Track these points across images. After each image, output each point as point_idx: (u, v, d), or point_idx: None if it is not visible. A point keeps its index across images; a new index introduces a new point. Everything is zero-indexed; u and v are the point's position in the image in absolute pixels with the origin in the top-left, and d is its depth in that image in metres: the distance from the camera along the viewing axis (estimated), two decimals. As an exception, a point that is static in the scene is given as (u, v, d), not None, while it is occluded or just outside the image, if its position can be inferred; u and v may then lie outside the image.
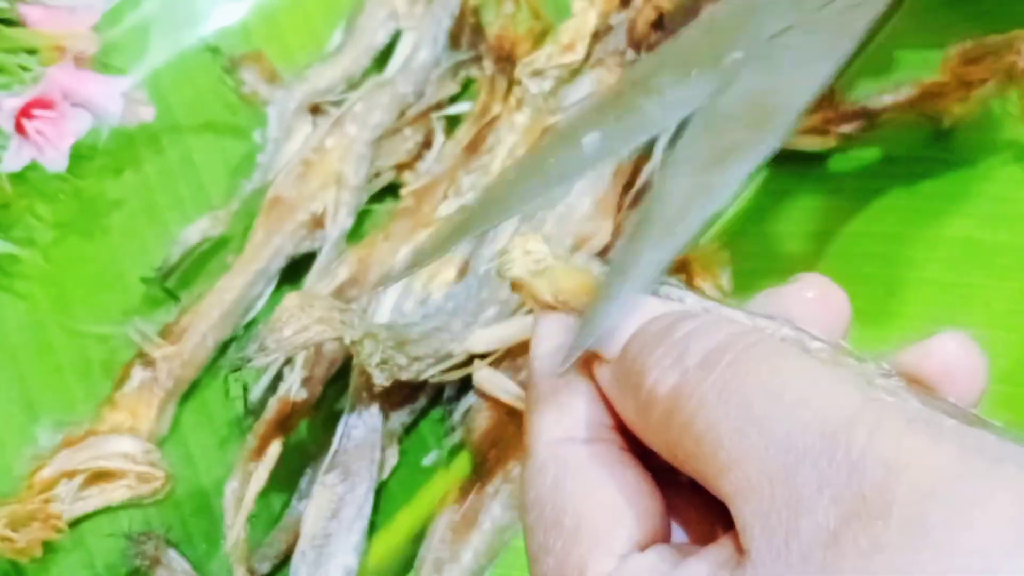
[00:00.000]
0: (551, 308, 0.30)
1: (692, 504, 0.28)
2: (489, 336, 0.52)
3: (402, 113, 0.60)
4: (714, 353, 0.24)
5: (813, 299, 0.28)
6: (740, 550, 0.23)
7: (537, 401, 0.28)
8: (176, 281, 0.59)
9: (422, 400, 0.55)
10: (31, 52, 0.59)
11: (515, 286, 0.30)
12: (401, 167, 0.60)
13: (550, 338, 0.29)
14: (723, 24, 0.35)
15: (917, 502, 0.21)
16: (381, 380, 0.50)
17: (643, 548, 0.25)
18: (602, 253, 0.53)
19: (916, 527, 0.20)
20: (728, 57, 0.33)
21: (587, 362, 0.28)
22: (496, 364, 0.52)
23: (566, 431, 0.27)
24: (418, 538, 0.51)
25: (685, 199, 0.29)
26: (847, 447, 0.22)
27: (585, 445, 0.27)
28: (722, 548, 0.24)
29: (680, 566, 0.24)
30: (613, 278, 0.28)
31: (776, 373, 0.23)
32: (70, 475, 0.53)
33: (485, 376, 0.52)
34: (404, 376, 0.51)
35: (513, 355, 0.53)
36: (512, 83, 0.59)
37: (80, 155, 0.59)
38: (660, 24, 0.59)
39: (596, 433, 0.27)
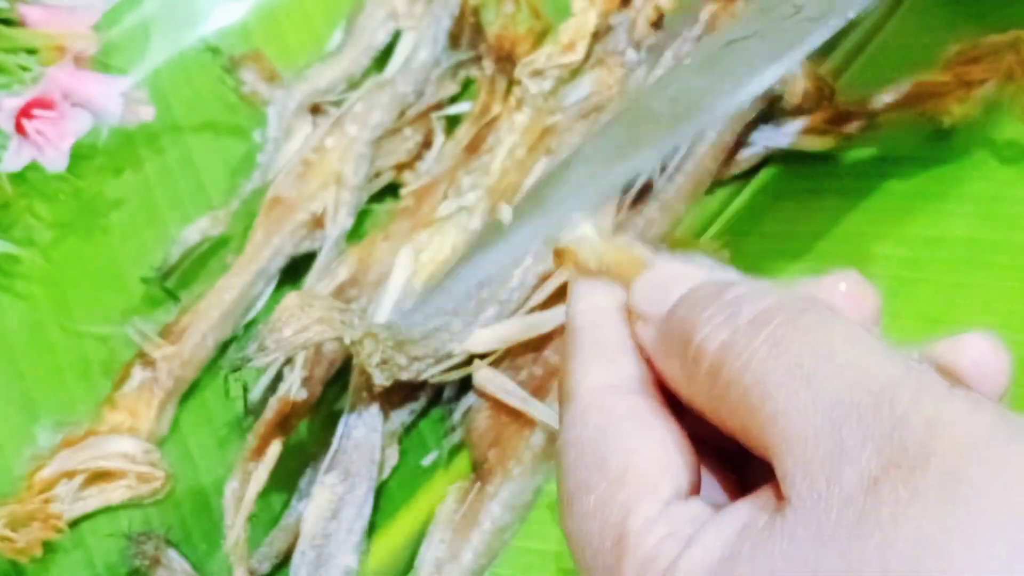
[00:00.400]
0: (592, 275, 0.31)
1: (719, 471, 0.29)
2: (489, 336, 0.52)
3: (402, 113, 0.60)
4: (765, 313, 0.25)
5: (845, 293, 0.29)
6: (779, 497, 0.24)
7: (579, 350, 0.29)
8: (176, 281, 0.59)
9: (422, 400, 0.55)
10: (31, 52, 0.59)
11: (559, 253, 0.31)
12: (401, 167, 0.60)
13: (590, 295, 0.30)
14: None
15: (955, 458, 0.22)
16: (381, 380, 0.50)
17: (685, 498, 0.27)
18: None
19: (953, 481, 0.22)
20: (683, 61, 0.34)
21: (628, 321, 0.29)
22: (496, 364, 0.53)
23: (611, 380, 0.28)
24: (418, 538, 0.51)
25: (577, 185, 0.31)
26: (891, 404, 0.23)
27: (630, 395, 0.28)
28: (760, 496, 0.25)
29: (720, 512, 0.25)
30: (487, 236, 0.30)
31: (826, 335, 0.25)
32: (70, 475, 0.53)
33: (485, 376, 0.52)
34: (404, 376, 0.51)
35: (513, 355, 0.53)
36: (512, 83, 0.59)
37: (80, 155, 0.59)
38: (660, 24, 0.59)
39: (640, 386, 0.28)
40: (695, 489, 0.27)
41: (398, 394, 0.54)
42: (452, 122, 0.61)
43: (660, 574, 0.25)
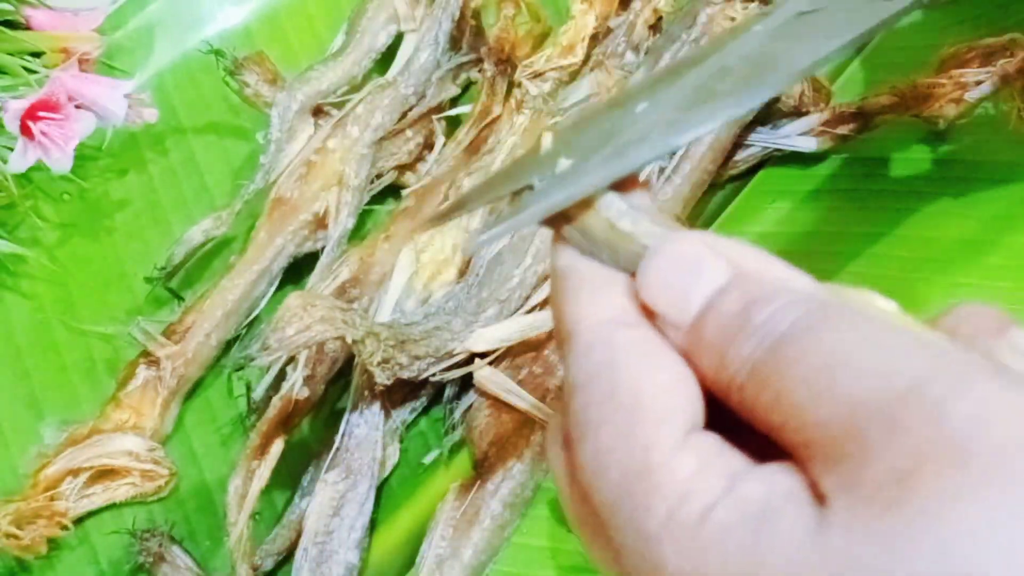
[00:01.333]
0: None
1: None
2: (490, 335, 0.53)
3: (403, 114, 0.60)
4: (790, 331, 0.25)
5: None
6: (818, 495, 0.23)
7: (571, 288, 0.28)
8: (179, 281, 0.59)
9: (423, 399, 0.55)
10: (36, 55, 0.59)
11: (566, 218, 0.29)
12: (402, 168, 0.61)
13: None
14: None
15: (1000, 456, 0.21)
16: (383, 379, 0.50)
17: (701, 430, 0.26)
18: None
19: (999, 480, 0.21)
20: (750, 29, 0.33)
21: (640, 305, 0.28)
22: (496, 363, 0.53)
23: (608, 313, 0.27)
24: (419, 535, 0.51)
25: (649, 127, 0.29)
26: (920, 399, 0.22)
27: (630, 328, 0.27)
28: (803, 478, 0.24)
29: (762, 468, 0.24)
30: (554, 183, 0.28)
31: (847, 339, 0.24)
32: (75, 473, 0.54)
33: (486, 375, 0.52)
34: (405, 375, 0.51)
35: (513, 354, 0.53)
36: (512, 85, 0.60)
37: (84, 156, 0.59)
38: (658, 27, 0.59)
39: (633, 318, 0.27)
40: (704, 422, 0.26)
41: (399, 393, 0.54)
42: (453, 123, 0.61)
43: (697, 514, 0.24)
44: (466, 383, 0.54)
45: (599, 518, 0.26)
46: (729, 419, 0.26)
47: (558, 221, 0.29)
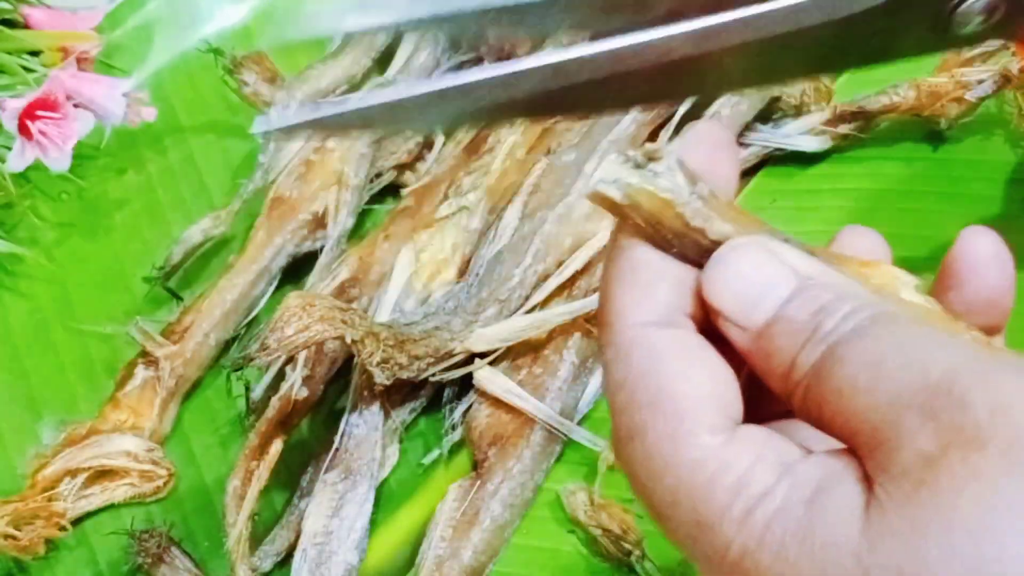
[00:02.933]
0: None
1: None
2: (489, 335, 0.52)
3: (403, 114, 0.60)
4: (845, 335, 0.27)
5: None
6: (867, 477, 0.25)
7: (617, 281, 0.29)
8: (178, 280, 0.59)
9: (423, 399, 0.55)
10: (34, 53, 0.59)
11: (608, 204, 0.29)
12: (402, 167, 0.60)
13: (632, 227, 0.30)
14: None
15: (1014, 440, 0.23)
16: (382, 379, 0.50)
17: (743, 424, 0.27)
18: (601, 252, 0.53)
19: (1012, 462, 0.23)
20: None
21: (702, 307, 0.29)
22: (496, 363, 0.53)
23: (649, 315, 0.28)
24: (419, 536, 0.51)
25: None
26: (949, 391, 0.24)
27: (670, 329, 0.28)
28: (854, 463, 0.26)
29: (815, 454, 0.26)
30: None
31: (897, 339, 0.26)
32: (73, 473, 0.54)
33: (485, 375, 0.52)
34: (405, 375, 0.51)
35: (513, 354, 0.53)
36: (512, 84, 0.59)
37: (83, 155, 0.59)
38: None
39: (675, 318, 0.29)
40: (741, 418, 0.28)
41: (399, 393, 0.54)
42: (452, 122, 0.61)
43: (756, 498, 0.26)
44: (466, 383, 0.54)
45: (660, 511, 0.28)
46: (765, 414, 0.28)
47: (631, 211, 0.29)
